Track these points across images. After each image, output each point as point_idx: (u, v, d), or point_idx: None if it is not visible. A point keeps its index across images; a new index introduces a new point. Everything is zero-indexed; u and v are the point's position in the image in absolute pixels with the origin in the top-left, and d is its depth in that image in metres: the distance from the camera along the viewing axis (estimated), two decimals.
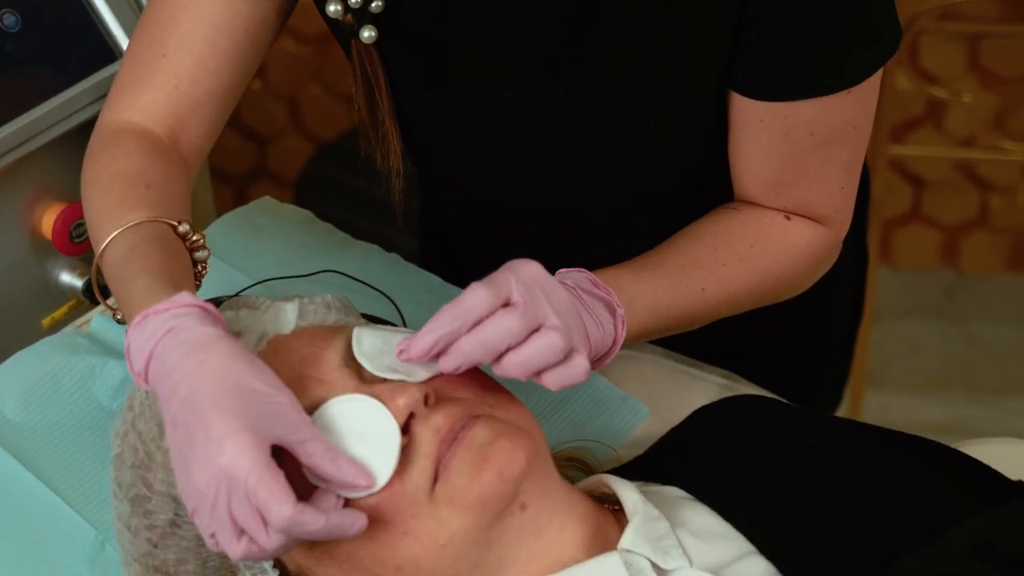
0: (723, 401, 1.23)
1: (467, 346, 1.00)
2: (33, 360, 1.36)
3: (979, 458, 1.16)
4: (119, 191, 1.14)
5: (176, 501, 1.04)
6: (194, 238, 1.13)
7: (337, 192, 2.65)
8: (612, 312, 1.12)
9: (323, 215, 1.60)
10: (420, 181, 1.64)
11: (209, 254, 1.16)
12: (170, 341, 0.97)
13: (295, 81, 2.94)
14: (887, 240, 3.03)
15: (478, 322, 1.01)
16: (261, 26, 1.22)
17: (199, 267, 1.15)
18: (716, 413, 1.21)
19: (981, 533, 1.03)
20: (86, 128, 1.50)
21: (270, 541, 0.94)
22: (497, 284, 1.02)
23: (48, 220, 1.52)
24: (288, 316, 1.09)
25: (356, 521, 0.96)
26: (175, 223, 1.12)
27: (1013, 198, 2.98)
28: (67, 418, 1.30)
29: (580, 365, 1.03)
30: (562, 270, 1.13)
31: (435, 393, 1.03)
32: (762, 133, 1.20)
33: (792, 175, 1.22)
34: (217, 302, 1.27)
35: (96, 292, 1.16)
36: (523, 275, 1.03)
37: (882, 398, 2.81)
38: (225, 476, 0.93)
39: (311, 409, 1.02)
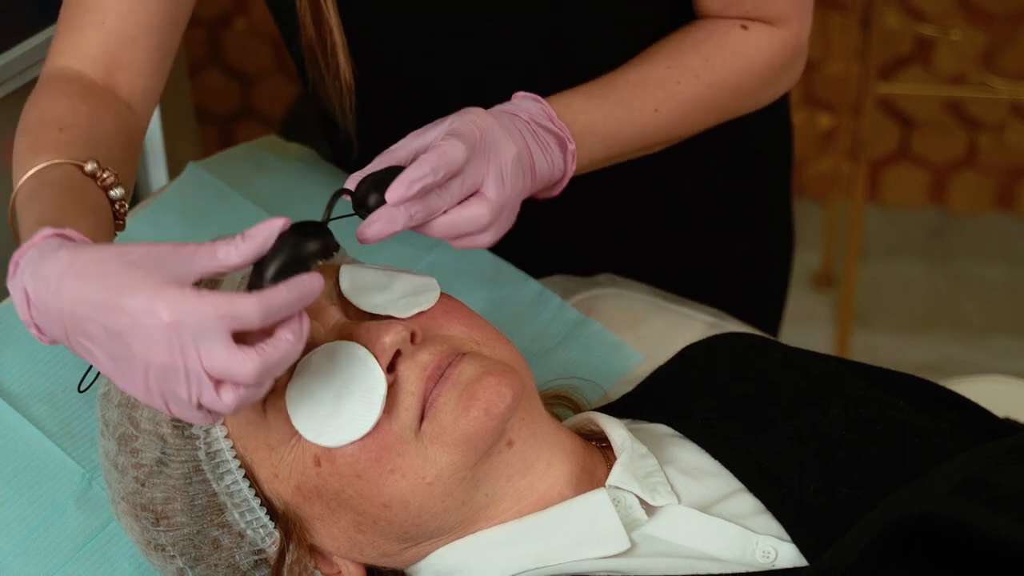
0: (711, 339, 1.23)
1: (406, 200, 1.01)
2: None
3: (965, 395, 1.17)
4: (32, 138, 1.11)
5: (163, 440, 1.04)
6: (104, 176, 1.09)
7: (323, 133, 2.63)
8: (563, 148, 1.14)
9: None
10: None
11: (127, 192, 1.11)
12: (38, 278, 0.92)
13: None
14: (875, 179, 3.03)
15: (454, 174, 1.03)
16: None
17: (117, 205, 1.10)
18: (704, 350, 1.21)
19: (967, 470, 1.03)
20: None
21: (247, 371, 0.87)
22: (464, 134, 1.03)
23: None
24: None
25: (294, 341, 0.89)
26: (81, 163, 1.08)
27: (1001, 137, 2.97)
28: (53, 357, 1.30)
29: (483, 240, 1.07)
30: (519, 94, 1.15)
31: (421, 331, 1.03)
32: None
33: None
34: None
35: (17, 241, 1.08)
36: (478, 123, 1.06)
37: (869, 337, 2.81)
38: (175, 332, 0.87)
39: None
